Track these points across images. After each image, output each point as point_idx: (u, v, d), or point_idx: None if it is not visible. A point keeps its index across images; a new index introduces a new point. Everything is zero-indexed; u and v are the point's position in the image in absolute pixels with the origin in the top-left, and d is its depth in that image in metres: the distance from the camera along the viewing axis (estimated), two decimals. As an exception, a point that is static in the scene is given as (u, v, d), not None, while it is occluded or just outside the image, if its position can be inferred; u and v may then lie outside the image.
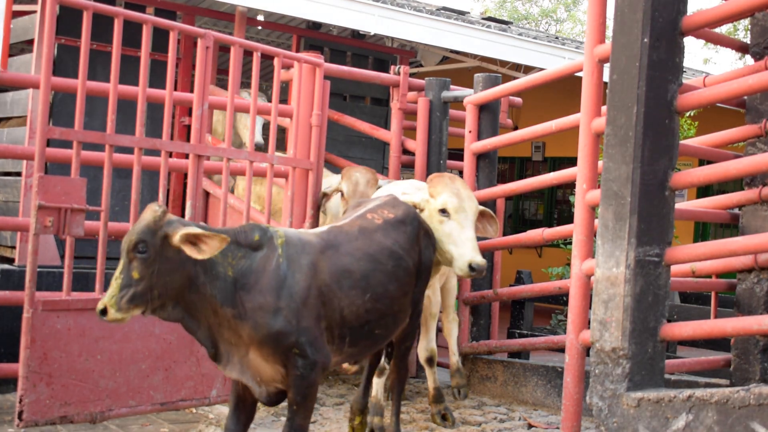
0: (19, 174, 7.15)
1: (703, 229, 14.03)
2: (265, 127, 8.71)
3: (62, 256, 5.58)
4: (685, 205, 6.06)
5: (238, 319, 4.08)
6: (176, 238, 3.92)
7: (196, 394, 5.74)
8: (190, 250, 3.94)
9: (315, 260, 4.33)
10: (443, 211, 5.28)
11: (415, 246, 4.95)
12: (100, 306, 3.87)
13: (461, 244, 5.21)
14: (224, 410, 6.02)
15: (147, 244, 3.90)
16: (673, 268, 5.00)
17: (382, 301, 4.59)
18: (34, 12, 7.15)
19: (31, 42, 7.30)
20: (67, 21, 7.24)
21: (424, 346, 6.30)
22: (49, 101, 5.15)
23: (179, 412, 5.92)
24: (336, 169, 8.41)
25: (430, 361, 6.26)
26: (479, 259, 5.14)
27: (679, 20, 4.37)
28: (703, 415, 3.78)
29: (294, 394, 4.17)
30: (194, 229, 3.94)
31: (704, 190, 12.46)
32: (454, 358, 6.66)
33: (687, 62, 8.30)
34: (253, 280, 4.13)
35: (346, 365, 6.18)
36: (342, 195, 6.33)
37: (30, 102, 6.79)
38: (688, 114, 9.50)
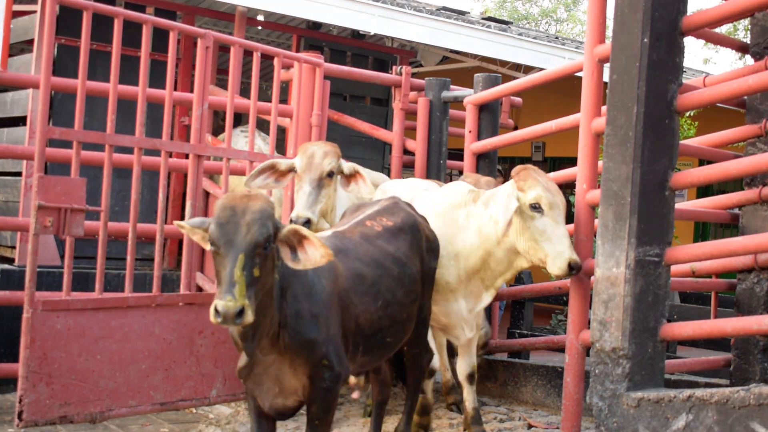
0: (19, 174, 7.15)
1: (703, 229, 14.03)
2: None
3: (62, 256, 5.58)
4: (685, 205, 6.06)
5: (279, 327, 3.84)
6: (283, 234, 3.68)
7: (196, 394, 5.73)
8: (285, 253, 3.71)
9: (333, 264, 4.13)
10: (535, 207, 4.85)
11: (417, 253, 4.85)
12: (233, 306, 3.39)
13: (557, 241, 4.78)
14: (224, 410, 6.02)
15: (270, 240, 3.60)
16: (673, 268, 5.01)
17: (392, 307, 4.48)
18: (34, 12, 7.15)
19: (31, 42, 7.30)
20: (67, 21, 7.24)
21: (467, 362, 5.73)
22: (49, 101, 5.15)
23: (179, 412, 5.92)
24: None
25: (471, 378, 5.73)
26: (577, 257, 4.77)
27: (679, 20, 4.37)
28: (703, 415, 3.78)
29: (317, 408, 4.00)
30: (305, 230, 3.70)
31: (704, 190, 12.46)
32: (448, 374, 6.56)
33: (687, 62, 8.29)
34: (288, 285, 3.89)
35: (351, 379, 6.02)
36: (295, 171, 5.62)
37: (30, 102, 6.79)
38: (688, 114, 9.50)
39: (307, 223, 5.19)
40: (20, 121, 7.45)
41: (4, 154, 5.93)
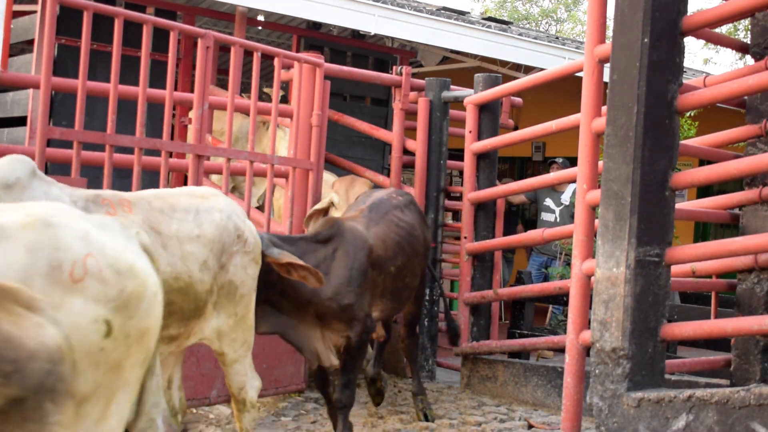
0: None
1: (704, 230, 14.03)
2: None
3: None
4: (685, 205, 6.06)
5: None
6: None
7: (196, 395, 5.73)
8: None
9: (364, 237, 5.16)
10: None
11: (421, 222, 5.75)
12: None
13: None
14: (224, 410, 6.02)
15: None
16: (674, 268, 5.00)
17: (412, 260, 5.48)
18: (34, 12, 7.15)
19: (31, 42, 7.30)
20: (67, 21, 7.25)
21: None
22: (50, 101, 5.15)
23: (179, 413, 5.91)
24: (335, 169, 8.41)
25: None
26: None
27: (680, 20, 4.37)
28: (704, 415, 3.78)
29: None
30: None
31: (704, 190, 12.46)
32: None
33: (687, 62, 8.27)
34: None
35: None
36: (333, 206, 6.37)
37: (30, 102, 6.79)
38: (688, 114, 9.50)
39: None
40: (20, 121, 7.45)
41: (5, 154, 5.91)
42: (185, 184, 6.84)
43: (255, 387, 4.49)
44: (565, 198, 9.94)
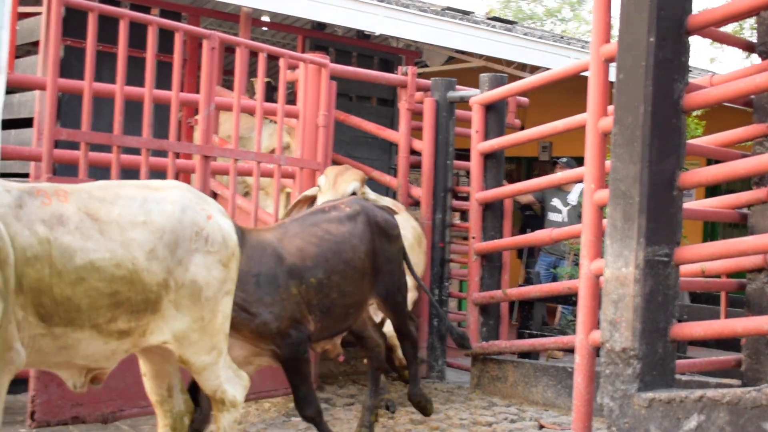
0: (27, 176, 7.14)
1: (712, 229, 13.99)
2: None
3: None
4: (693, 204, 6.04)
5: None
6: None
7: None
8: None
9: (275, 248, 4.83)
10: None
11: (370, 240, 5.30)
12: None
13: None
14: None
15: None
16: (683, 268, 4.99)
17: (335, 276, 5.07)
18: (40, 14, 7.15)
19: (37, 44, 7.29)
20: (72, 22, 7.23)
21: None
22: (56, 103, 5.15)
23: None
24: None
25: None
26: None
27: (685, 19, 4.35)
28: (715, 415, 3.77)
29: None
30: None
31: (712, 190, 12.43)
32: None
33: (693, 61, 8.25)
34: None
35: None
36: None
37: (37, 103, 6.78)
38: (695, 113, 9.47)
39: None
40: (27, 122, 7.45)
41: (12, 155, 5.93)
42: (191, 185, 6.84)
43: (241, 385, 4.24)
44: (572, 198, 9.93)
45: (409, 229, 6.86)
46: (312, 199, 5.97)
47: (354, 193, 5.79)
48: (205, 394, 4.41)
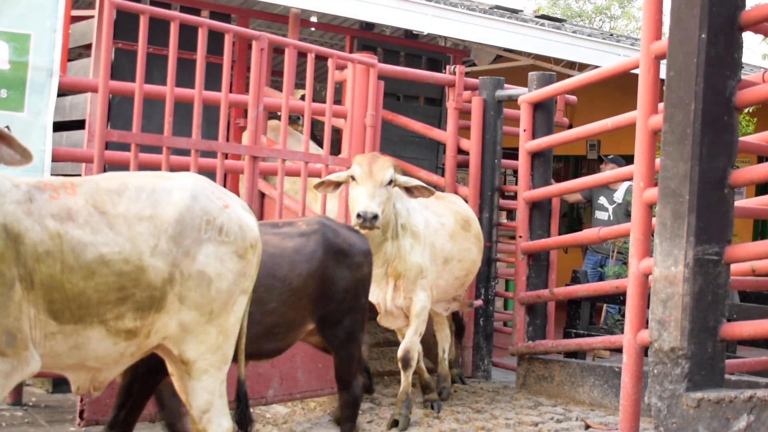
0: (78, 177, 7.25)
1: (763, 227, 13.81)
2: None
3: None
4: (744, 202, 5.97)
5: None
6: None
7: (253, 394, 5.77)
8: None
9: None
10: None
11: (319, 260, 4.84)
12: None
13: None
14: (281, 410, 6.06)
15: None
16: (733, 267, 4.93)
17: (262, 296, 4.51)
18: (92, 17, 7.25)
19: (89, 46, 7.40)
20: (123, 25, 7.33)
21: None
22: (107, 105, 5.23)
23: (233, 411, 5.95)
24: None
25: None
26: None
27: (738, 15, 4.30)
28: (765, 415, 3.72)
29: None
30: None
31: (763, 187, 12.26)
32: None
33: (745, 58, 8.14)
34: None
35: None
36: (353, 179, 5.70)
37: (88, 105, 6.89)
38: (746, 110, 9.35)
39: (375, 218, 5.41)
40: (79, 124, 7.56)
41: (64, 157, 6.02)
42: (241, 185, 6.91)
43: (224, 427, 3.86)
44: (618, 196, 9.86)
45: (450, 215, 6.54)
46: (337, 184, 5.77)
47: (391, 180, 5.61)
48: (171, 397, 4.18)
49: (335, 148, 8.42)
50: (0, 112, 5.56)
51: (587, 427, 6.00)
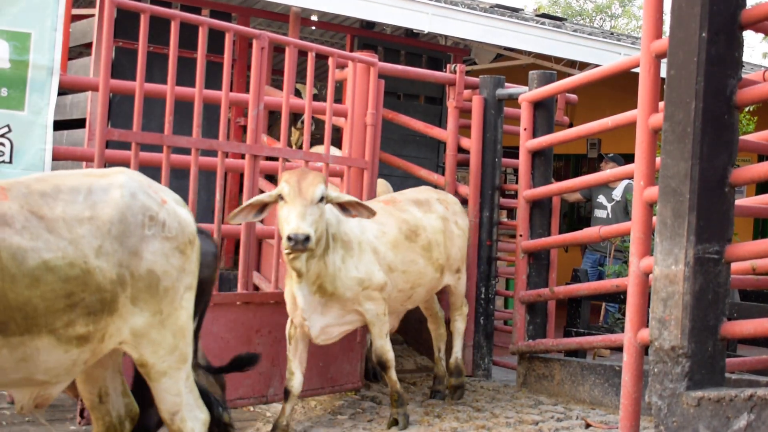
0: (79, 176, 7.25)
1: (763, 226, 13.82)
2: None
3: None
4: (744, 201, 5.97)
5: None
6: None
7: (254, 393, 5.78)
8: None
9: None
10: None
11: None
12: None
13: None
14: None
15: None
16: (733, 266, 4.93)
17: None
18: (92, 16, 7.26)
19: (89, 45, 7.41)
20: (124, 24, 7.33)
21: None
22: (108, 103, 5.23)
23: (237, 411, 5.96)
24: (389, 168, 8.42)
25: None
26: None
27: (738, 14, 4.30)
28: (766, 414, 3.73)
29: None
30: None
31: (763, 186, 12.26)
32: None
33: (746, 56, 8.14)
34: None
35: None
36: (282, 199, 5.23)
37: (89, 104, 6.89)
38: (747, 109, 9.35)
39: (307, 240, 4.95)
40: (79, 123, 7.57)
41: (65, 156, 6.02)
42: (242, 184, 6.92)
43: (200, 419, 3.82)
44: (617, 194, 9.87)
45: (393, 223, 6.00)
46: (262, 207, 5.28)
47: (322, 197, 5.11)
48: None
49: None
50: (0, 111, 5.56)
51: (588, 425, 6.00)
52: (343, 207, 5.31)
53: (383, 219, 5.88)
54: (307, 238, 4.93)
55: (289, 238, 4.92)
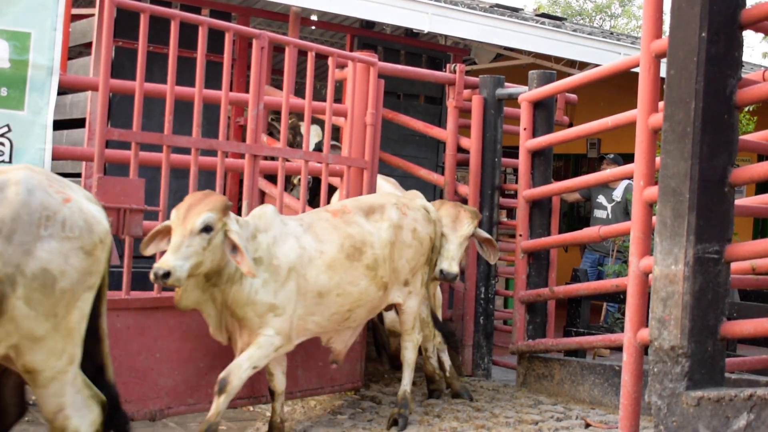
0: (78, 175, 7.26)
1: (763, 226, 13.82)
2: None
3: (121, 256, 5.68)
4: (744, 201, 5.97)
5: None
6: None
7: (254, 393, 5.78)
8: None
9: None
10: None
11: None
12: None
13: None
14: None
15: None
16: (733, 266, 4.93)
17: None
18: (92, 15, 7.26)
19: (89, 45, 7.41)
20: (124, 24, 7.33)
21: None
22: (108, 103, 5.23)
23: (237, 410, 5.97)
24: (389, 167, 8.42)
25: None
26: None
27: (738, 13, 4.30)
28: (765, 414, 3.73)
29: None
30: None
31: (763, 186, 12.27)
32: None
33: (746, 56, 8.14)
34: None
35: None
36: None
37: (89, 104, 6.89)
38: (747, 109, 9.35)
39: (166, 276, 4.59)
40: (79, 123, 7.57)
41: (64, 155, 6.02)
42: (241, 183, 6.91)
43: (89, 418, 3.63)
44: (617, 194, 9.88)
45: (335, 240, 5.46)
46: (167, 232, 4.94)
47: (207, 227, 4.71)
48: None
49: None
50: (0, 111, 5.56)
51: (587, 425, 6.00)
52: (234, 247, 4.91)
53: (325, 236, 5.41)
54: (167, 274, 4.57)
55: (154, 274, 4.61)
